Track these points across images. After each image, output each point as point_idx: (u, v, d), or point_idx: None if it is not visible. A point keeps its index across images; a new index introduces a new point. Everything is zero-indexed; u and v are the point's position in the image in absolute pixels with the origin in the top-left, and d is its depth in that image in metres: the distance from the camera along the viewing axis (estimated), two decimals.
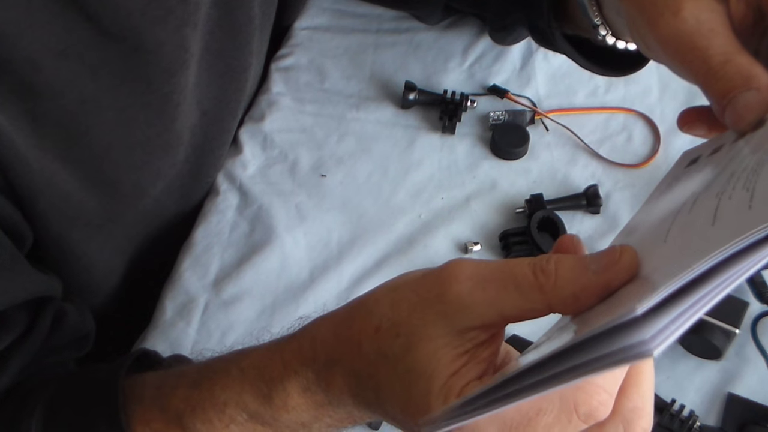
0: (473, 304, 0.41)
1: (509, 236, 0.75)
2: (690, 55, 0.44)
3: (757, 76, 0.42)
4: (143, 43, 0.58)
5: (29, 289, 0.56)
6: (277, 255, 0.76)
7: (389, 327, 0.43)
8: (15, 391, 0.55)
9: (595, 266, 0.40)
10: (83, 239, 0.64)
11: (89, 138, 0.59)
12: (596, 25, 0.60)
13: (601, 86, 0.87)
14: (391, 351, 0.42)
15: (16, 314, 0.55)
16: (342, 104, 0.87)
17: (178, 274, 0.75)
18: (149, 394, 0.53)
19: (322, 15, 0.94)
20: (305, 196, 0.80)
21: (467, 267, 0.42)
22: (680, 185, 0.45)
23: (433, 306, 0.42)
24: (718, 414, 0.66)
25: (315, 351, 0.46)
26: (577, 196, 0.79)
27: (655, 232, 0.41)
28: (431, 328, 0.41)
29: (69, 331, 0.59)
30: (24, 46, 0.51)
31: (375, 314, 0.44)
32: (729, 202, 0.37)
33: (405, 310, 0.42)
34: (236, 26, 0.70)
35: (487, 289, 0.41)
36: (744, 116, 0.42)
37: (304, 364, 0.47)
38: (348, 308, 0.46)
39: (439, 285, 0.42)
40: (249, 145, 0.83)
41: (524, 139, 0.82)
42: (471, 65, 0.89)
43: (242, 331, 0.72)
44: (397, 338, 0.42)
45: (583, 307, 0.40)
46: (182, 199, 0.76)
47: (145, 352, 0.58)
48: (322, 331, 0.47)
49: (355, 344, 0.44)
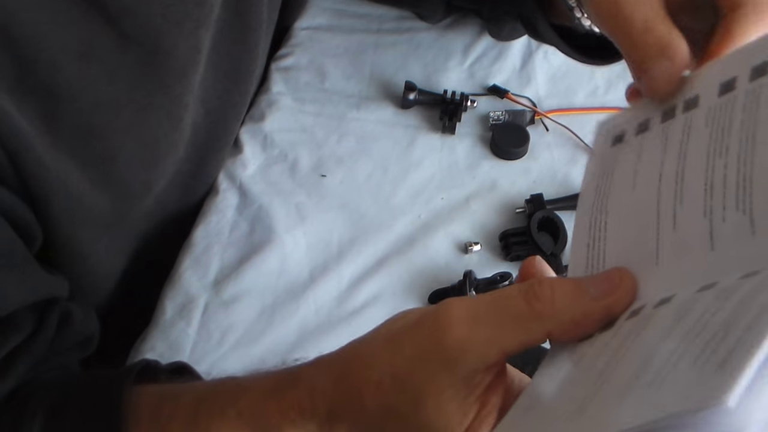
0: (472, 347, 0.40)
1: (509, 236, 0.75)
2: (614, 22, 0.43)
3: (673, 45, 0.41)
4: (160, 45, 0.58)
5: (39, 291, 0.55)
6: (277, 255, 0.76)
7: (391, 382, 0.42)
8: (15, 396, 0.55)
9: (594, 291, 0.39)
10: (92, 239, 0.64)
11: (103, 140, 0.59)
12: (571, 7, 0.59)
13: (601, 86, 0.87)
14: (398, 407, 0.42)
15: (25, 315, 0.54)
16: (342, 104, 0.87)
17: (178, 274, 0.75)
18: (146, 417, 0.52)
19: (322, 15, 0.94)
20: (305, 196, 0.80)
21: (460, 308, 0.41)
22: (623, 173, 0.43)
23: (434, 356, 0.41)
24: None
25: (314, 403, 0.46)
26: (577, 196, 0.78)
27: (638, 248, 0.40)
28: (437, 381, 0.40)
29: (74, 333, 0.59)
30: (46, 48, 0.51)
31: (374, 369, 0.43)
32: (723, 224, 0.36)
33: (405, 363, 0.42)
34: (246, 29, 0.71)
35: (483, 329, 0.40)
36: (657, 87, 0.42)
37: (303, 416, 0.46)
38: (345, 358, 0.45)
39: (435, 332, 0.41)
40: (249, 145, 0.83)
41: (524, 139, 0.82)
42: (471, 65, 0.89)
43: (242, 331, 0.72)
44: (403, 393, 0.41)
45: (584, 333, 0.39)
46: (183, 197, 0.76)
47: (146, 364, 0.58)
48: (321, 382, 0.46)
49: (356, 398, 0.43)
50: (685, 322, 0.34)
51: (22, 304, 0.54)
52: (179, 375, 0.59)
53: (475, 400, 0.41)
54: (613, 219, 0.43)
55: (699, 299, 0.35)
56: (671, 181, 0.40)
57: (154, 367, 0.59)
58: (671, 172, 0.40)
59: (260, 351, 0.70)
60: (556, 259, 0.73)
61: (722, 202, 0.37)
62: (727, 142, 0.38)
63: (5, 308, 0.52)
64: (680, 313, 0.35)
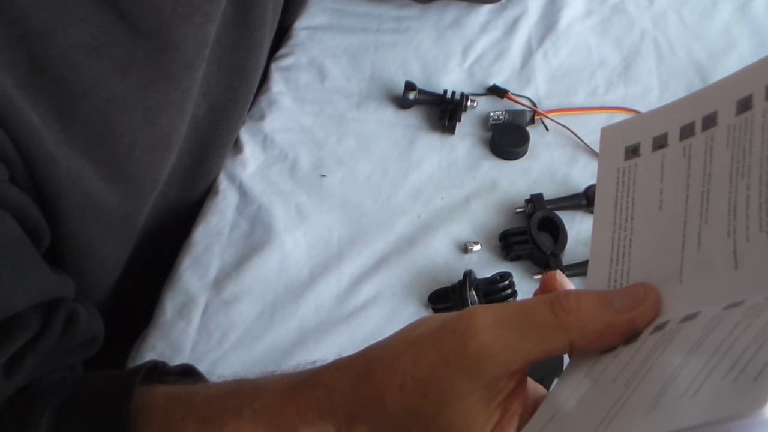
0: (496, 353, 0.40)
1: (509, 236, 0.75)
2: None
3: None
4: (170, 39, 0.58)
5: (46, 291, 0.55)
6: (277, 255, 0.76)
7: (414, 385, 0.42)
8: (21, 395, 0.55)
9: (618, 304, 0.40)
10: (100, 236, 0.64)
11: (117, 137, 0.59)
12: None
13: (601, 86, 0.87)
14: (421, 410, 0.42)
15: (31, 315, 0.54)
16: (342, 104, 0.87)
17: (178, 274, 0.75)
18: (157, 419, 0.52)
19: (322, 15, 0.94)
20: (305, 195, 0.80)
21: (485, 315, 0.41)
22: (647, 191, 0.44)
23: (457, 362, 0.41)
24: None
25: (333, 404, 0.46)
26: (577, 195, 0.79)
27: (662, 266, 0.41)
28: (460, 386, 0.41)
29: (80, 333, 0.59)
30: (59, 44, 0.52)
31: (398, 371, 0.43)
32: (747, 245, 0.37)
33: (428, 367, 0.42)
34: (251, 25, 0.71)
35: (507, 336, 0.40)
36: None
37: (322, 418, 0.46)
38: (365, 360, 0.45)
39: (459, 338, 0.41)
40: (249, 145, 0.83)
41: (524, 139, 0.82)
42: (471, 65, 0.89)
43: (242, 331, 0.72)
44: (425, 398, 0.42)
45: (607, 345, 0.40)
46: (183, 192, 0.77)
47: (154, 365, 0.58)
48: (341, 384, 0.46)
49: (378, 401, 0.43)
50: (713, 337, 0.36)
51: (28, 304, 0.54)
52: (187, 377, 0.59)
53: (497, 406, 0.41)
54: (639, 237, 0.44)
55: (727, 316, 0.36)
56: (697, 202, 0.41)
57: (162, 368, 0.58)
58: (697, 193, 0.41)
59: (260, 351, 0.71)
60: (556, 258, 0.73)
61: (746, 222, 0.38)
62: (749, 163, 0.39)
63: (12, 308, 0.52)
64: (708, 329, 0.36)
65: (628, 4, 0.94)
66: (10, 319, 0.53)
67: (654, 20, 0.93)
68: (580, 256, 0.75)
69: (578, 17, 0.93)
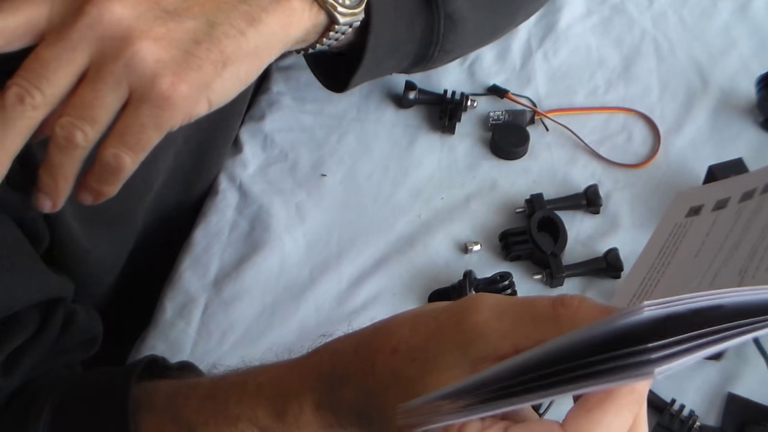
0: (489, 334, 0.41)
1: (509, 236, 0.75)
2: None
3: None
4: None
5: (44, 290, 0.56)
6: (277, 255, 0.76)
7: (406, 350, 0.43)
8: (21, 393, 0.55)
9: None
10: (96, 236, 0.64)
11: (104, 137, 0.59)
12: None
13: (601, 86, 0.87)
14: (404, 374, 0.43)
15: (29, 314, 0.55)
16: (342, 104, 0.87)
17: (178, 274, 0.75)
18: (160, 403, 0.53)
19: None
20: (305, 195, 0.80)
21: (489, 299, 0.42)
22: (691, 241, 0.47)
23: (450, 334, 0.42)
24: (718, 414, 0.66)
25: (333, 365, 0.47)
26: (577, 195, 0.79)
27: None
28: (446, 357, 0.42)
29: (78, 333, 0.59)
30: None
31: (395, 335, 0.44)
32: (751, 280, 0.39)
33: (423, 335, 0.43)
34: None
35: (503, 320, 0.41)
36: None
37: (320, 378, 0.47)
38: (372, 328, 0.47)
39: (459, 314, 0.42)
40: (249, 145, 0.83)
41: (524, 139, 0.82)
42: (471, 65, 0.89)
43: (242, 330, 0.72)
44: (413, 363, 0.43)
45: None
46: (183, 193, 0.77)
47: (153, 359, 0.59)
48: (344, 346, 0.48)
49: (369, 362, 0.45)
50: None
51: (27, 303, 0.54)
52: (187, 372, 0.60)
53: None
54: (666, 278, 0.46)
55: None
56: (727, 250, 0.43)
57: (162, 362, 0.59)
58: (732, 243, 0.43)
59: (260, 350, 0.70)
60: (555, 258, 0.73)
61: (757, 264, 0.40)
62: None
63: (11, 307, 0.53)
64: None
65: (628, 4, 0.94)
66: (8, 318, 0.53)
67: (654, 20, 0.93)
68: (579, 256, 0.75)
69: (578, 17, 0.93)
